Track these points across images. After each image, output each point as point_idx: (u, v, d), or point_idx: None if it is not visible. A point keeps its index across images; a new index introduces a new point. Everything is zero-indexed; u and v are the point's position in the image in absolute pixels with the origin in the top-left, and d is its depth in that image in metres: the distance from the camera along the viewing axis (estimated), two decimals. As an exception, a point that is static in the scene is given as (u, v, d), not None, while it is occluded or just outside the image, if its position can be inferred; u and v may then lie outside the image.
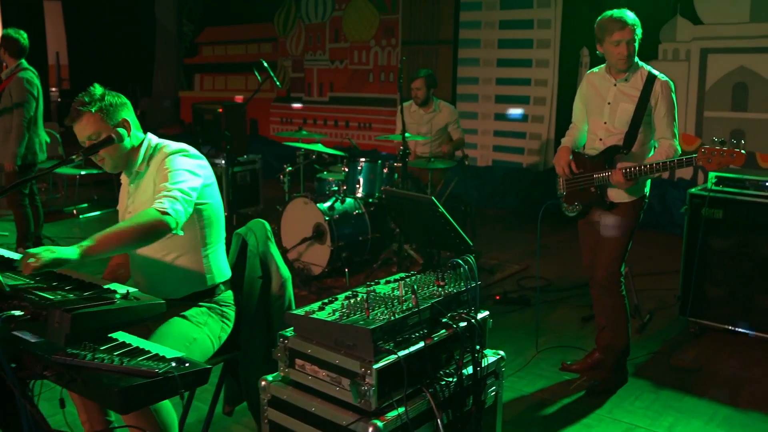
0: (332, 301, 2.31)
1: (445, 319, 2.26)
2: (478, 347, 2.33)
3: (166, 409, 2.48)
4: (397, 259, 4.86)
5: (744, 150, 3.24)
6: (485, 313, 2.43)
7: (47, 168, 5.49)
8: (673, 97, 3.54)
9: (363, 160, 5.56)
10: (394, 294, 2.32)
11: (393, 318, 2.10)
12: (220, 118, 7.34)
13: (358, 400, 2.05)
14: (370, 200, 5.58)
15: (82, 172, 7.71)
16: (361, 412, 2.07)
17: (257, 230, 2.97)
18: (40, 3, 11.48)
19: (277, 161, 8.75)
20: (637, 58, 3.59)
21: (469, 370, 2.32)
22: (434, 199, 3.55)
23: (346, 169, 5.54)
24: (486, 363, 2.38)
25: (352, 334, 2.06)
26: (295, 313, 2.23)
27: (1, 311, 2.00)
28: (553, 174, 3.84)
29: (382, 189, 5.34)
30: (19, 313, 2.03)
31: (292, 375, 2.25)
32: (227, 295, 2.89)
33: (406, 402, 2.08)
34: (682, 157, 3.41)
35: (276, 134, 8.13)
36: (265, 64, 6.07)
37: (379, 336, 2.05)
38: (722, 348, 4.24)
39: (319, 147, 5.74)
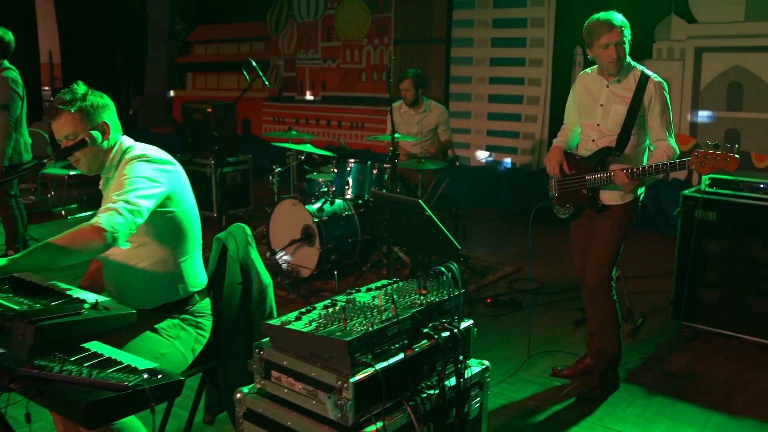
0: (310, 311, 2.23)
1: (426, 330, 2.18)
2: (461, 357, 2.25)
3: (134, 426, 2.41)
4: (387, 262, 4.77)
5: (738, 154, 3.16)
6: (469, 322, 2.35)
7: (26, 167, 5.43)
8: (667, 97, 3.46)
9: (352, 161, 5.47)
10: (374, 303, 2.24)
11: (371, 329, 2.02)
12: (210, 118, 7.24)
13: (335, 414, 1.98)
14: (360, 202, 5.49)
15: (71, 173, 7.60)
16: (339, 427, 2.00)
17: (237, 235, 2.88)
18: (32, 1, 11.35)
19: (269, 161, 8.66)
20: (630, 59, 3.52)
21: (453, 382, 2.24)
22: (421, 202, 3.48)
23: (335, 170, 5.46)
24: (470, 374, 2.31)
25: (329, 346, 1.98)
26: (271, 324, 2.15)
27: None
28: (547, 174, 3.76)
29: (370, 192, 5.25)
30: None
31: (268, 387, 2.17)
32: (203, 305, 2.80)
33: (384, 416, 2.00)
34: (675, 159, 3.34)
35: (265, 134, 8.04)
36: (254, 64, 5.98)
37: (356, 348, 1.97)
38: (716, 353, 4.17)
39: (307, 147, 5.65)
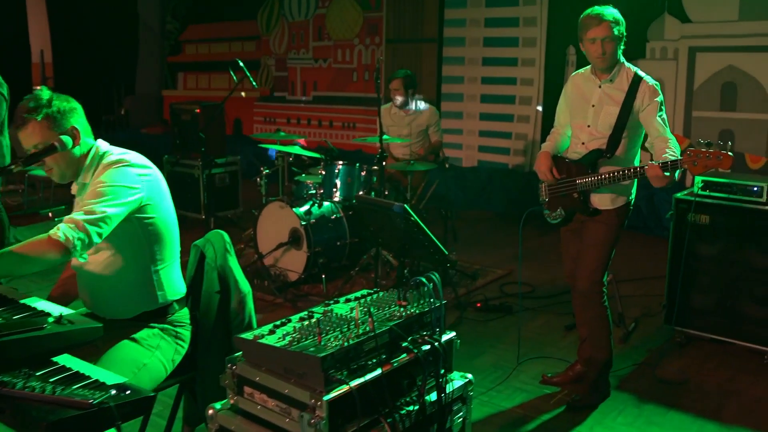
0: (285, 324, 2.14)
1: (405, 343, 2.09)
2: (443, 371, 2.17)
3: None
4: (375, 265, 4.69)
5: (731, 152, 3.08)
6: (451, 335, 2.26)
7: None
8: (662, 100, 3.36)
9: (340, 163, 5.38)
10: (352, 316, 2.15)
11: (346, 344, 1.94)
12: (198, 119, 7.14)
13: (309, 433, 1.89)
14: (348, 204, 5.40)
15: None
16: (313, 446, 1.91)
17: (216, 242, 2.80)
18: (23, 0, 11.21)
19: (260, 161, 8.57)
20: (624, 59, 3.43)
21: (434, 397, 2.16)
22: (407, 206, 3.39)
23: (323, 172, 5.37)
24: (451, 388, 2.22)
25: (302, 362, 1.90)
26: (244, 338, 2.07)
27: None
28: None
29: (355, 196, 5.16)
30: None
31: (241, 404, 2.09)
32: (182, 314, 2.72)
33: (360, 435, 1.92)
34: (678, 156, 3.23)
35: (253, 136, 7.93)
36: (241, 64, 5.90)
37: (331, 364, 1.89)
38: (709, 359, 4.10)
39: (295, 149, 5.56)
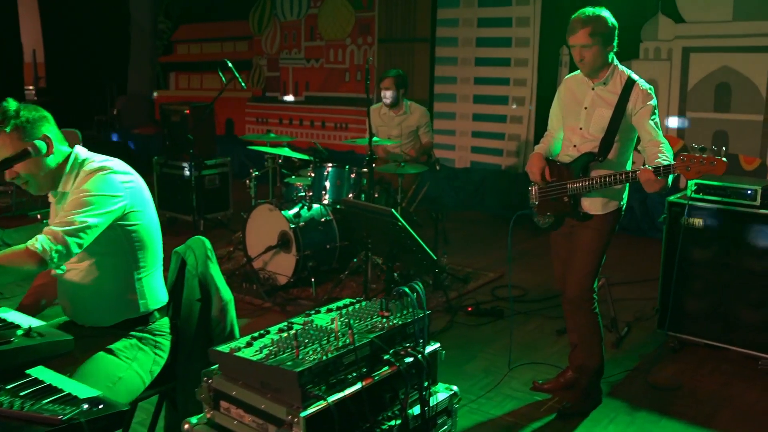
0: (263, 335, 2.07)
1: (387, 356, 2.02)
2: (426, 384, 2.10)
3: None
4: (365, 269, 4.61)
5: (725, 158, 3.02)
6: (435, 346, 2.19)
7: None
8: (655, 103, 3.29)
9: (330, 165, 5.30)
10: (331, 327, 2.08)
11: (325, 358, 1.87)
12: (187, 119, 7.06)
13: (286, 450, 1.83)
14: (338, 207, 5.33)
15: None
16: (290, 464, 1.84)
17: (197, 249, 2.73)
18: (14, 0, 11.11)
19: (252, 162, 8.49)
20: (617, 61, 3.37)
21: (417, 410, 2.09)
22: (394, 211, 3.33)
23: (313, 174, 5.30)
24: (435, 401, 2.15)
25: (278, 377, 1.83)
26: (219, 350, 2.00)
27: None
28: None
29: (342, 200, 5.08)
30: None
31: (217, 418, 2.02)
32: (162, 323, 2.65)
33: (339, 453, 1.85)
34: (671, 160, 3.17)
35: (242, 137, 7.86)
36: (230, 64, 5.83)
37: (308, 379, 1.82)
38: (702, 364, 4.04)
39: (284, 151, 5.48)
